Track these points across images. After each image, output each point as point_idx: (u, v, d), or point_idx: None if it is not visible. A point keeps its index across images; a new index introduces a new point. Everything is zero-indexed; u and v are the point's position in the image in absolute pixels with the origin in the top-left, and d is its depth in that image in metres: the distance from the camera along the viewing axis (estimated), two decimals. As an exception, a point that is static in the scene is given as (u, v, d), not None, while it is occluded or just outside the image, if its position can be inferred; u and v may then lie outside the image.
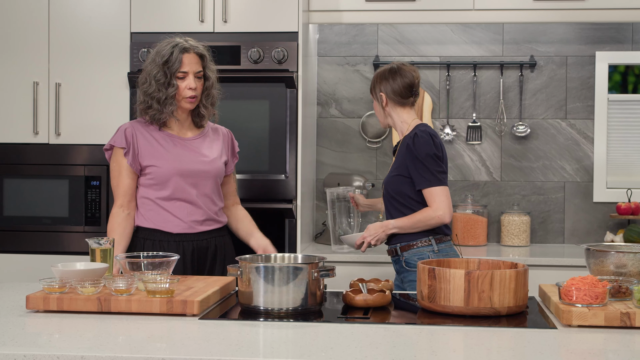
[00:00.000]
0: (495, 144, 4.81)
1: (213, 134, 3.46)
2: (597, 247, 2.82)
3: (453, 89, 4.83)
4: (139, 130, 3.32)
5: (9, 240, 4.38)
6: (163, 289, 2.58)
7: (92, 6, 4.34)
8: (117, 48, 4.33)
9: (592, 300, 2.47)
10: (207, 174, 3.34)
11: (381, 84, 3.61)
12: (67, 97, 4.36)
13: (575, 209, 4.78)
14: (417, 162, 3.46)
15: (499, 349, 2.21)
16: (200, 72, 3.32)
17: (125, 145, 3.28)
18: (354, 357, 2.10)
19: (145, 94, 3.31)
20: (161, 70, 3.28)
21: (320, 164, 4.90)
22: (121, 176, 3.30)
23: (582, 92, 4.76)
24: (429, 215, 3.45)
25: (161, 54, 3.30)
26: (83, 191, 4.34)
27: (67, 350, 2.13)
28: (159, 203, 3.30)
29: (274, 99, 4.24)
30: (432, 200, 3.46)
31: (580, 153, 4.77)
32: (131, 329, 2.40)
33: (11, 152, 4.38)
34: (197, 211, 3.33)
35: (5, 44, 4.37)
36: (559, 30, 4.77)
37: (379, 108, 3.67)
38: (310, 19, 4.49)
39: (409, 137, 3.51)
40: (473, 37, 4.81)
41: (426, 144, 3.47)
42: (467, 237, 4.63)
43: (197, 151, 3.35)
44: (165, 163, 3.28)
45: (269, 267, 2.60)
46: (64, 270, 2.68)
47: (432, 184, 3.45)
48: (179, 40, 3.32)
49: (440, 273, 2.59)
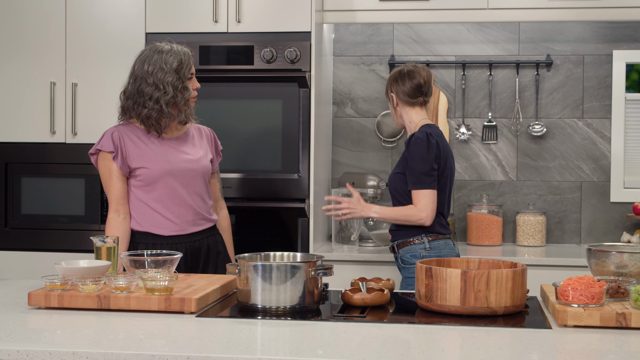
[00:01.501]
0: (511, 143, 4.79)
1: (197, 133, 3.51)
2: (598, 247, 2.80)
3: (469, 89, 4.81)
4: (125, 133, 3.33)
5: (27, 238, 4.45)
6: (162, 287, 2.61)
7: (108, 7, 4.39)
8: (132, 48, 4.35)
9: (588, 300, 2.46)
10: (195, 172, 3.37)
11: (392, 85, 3.73)
12: (83, 97, 4.41)
13: (592, 209, 4.75)
14: (410, 162, 3.57)
15: (487, 349, 2.21)
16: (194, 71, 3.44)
17: (113, 149, 3.28)
18: (342, 355, 2.11)
19: (161, 102, 3.29)
20: (176, 77, 3.32)
21: (335, 163, 4.91)
22: (112, 180, 3.31)
23: (599, 91, 4.72)
24: (413, 213, 3.56)
25: (168, 62, 3.31)
26: (99, 190, 4.39)
27: (61, 346, 2.16)
28: (150, 205, 3.32)
29: (287, 98, 4.26)
30: (416, 202, 3.57)
31: (597, 152, 4.74)
32: (129, 326, 2.43)
33: (29, 151, 4.45)
34: (188, 211, 3.36)
35: (23, 45, 4.43)
36: (576, 29, 4.74)
37: (392, 109, 3.79)
38: (324, 18, 4.51)
39: (409, 137, 3.63)
40: (489, 36, 4.79)
41: (418, 145, 3.56)
42: (482, 236, 4.61)
43: (184, 150, 3.38)
44: (154, 164, 3.30)
45: (267, 266, 2.62)
46: (66, 267, 2.72)
47: (417, 186, 3.55)
48: (170, 45, 3.37)
49: (437, 272, 2.59)
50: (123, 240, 3.30)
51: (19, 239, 4.46)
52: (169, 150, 3.35)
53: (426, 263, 2.76)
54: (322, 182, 4.58)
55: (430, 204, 3.55)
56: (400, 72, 3.71)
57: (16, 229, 4.46)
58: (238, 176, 4.30)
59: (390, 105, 3.78)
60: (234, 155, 4.25)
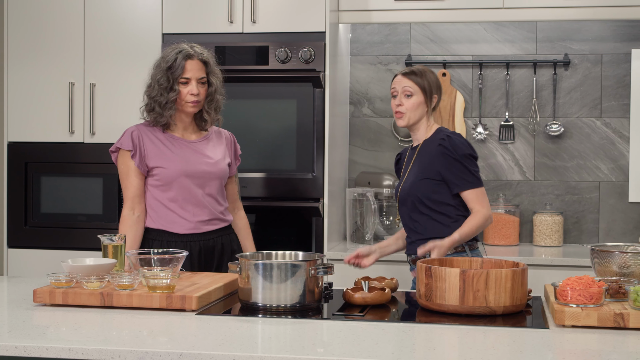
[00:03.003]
0: (528, 143, 4.77)
1: (216, 137, 3.53)
2: (601, 248, 2.79)
3: (486, 88, 4.80)
4: (145, 133, 3.39)
5: (46, 237, 4.51)
6: (164, 285, 2.64)
7: (125, 8, 4.44)
8: (149, 49, 4.41)
9: (586, 300, 2.45)
10: (211, 174, 3.41)
11: (437, 88, 3.43)
12: (101, 97, 4.47)
13: (610, 209, 4.71)
14: (455, 163, 3.29)
15: (479, 348, 2.21)
16: (203, 78, 3.39)
17: (131, 148, 3.35)
18: (341, 353, 2.13)
19: (148, 97, 3.41)
20: (164, 75, 3.35)
21: (352, 162, 4.92)
22: (130, 178, 3.37)
23: (618, 91, 4.69)
24: (485, 216, 3.28)
25: (166, 59, 3.38)
26: (116, 189, 4.44)
27: (58, 343, 2.20)
28: (166, 204, 3.37)
29: (301, 98, 4.28)
30: (476, 202, 3.29)
31: (615, 152, 4.70)
32: (129, 324, 2.47)
33: (48, 150, 4.51)
34: (202, 211, 3.39)
35: (42, 46, 4.50)
36: (594, 27, 4.71)
37: (420, 107, 3.39)
38: (340, 18, 4.52)
39: (439, 139, 3.34)
40: (506, 35, 4.77)
41: (463, 144, 3.33)
42: (498, 237, 4.60)
43: (202, 153, 3.43)
44: (171, 164, 3.35)
45: (267, 264, 2.64)
46: (71, 265, 2.76)
47: (474, 185, 3.30)
48: (184, 47, 3.40)
49: (436, 271, 2.59)
50: (136, 239, 3.34)
51: (38, 237, 4.52)
52: (187, 152, 3.39)
53: (427, 262, 2.76)
54: (337, 182, 4.59)
55: (487, 201, 3.32)
56: (436, 77, 3.45)
57: (36, 227, 4.52)
58: (253, 175, 4.32)
59: (421, 103, 3.38)
60: (249, 154, 4.27)
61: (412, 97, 3.37)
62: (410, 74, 3.41)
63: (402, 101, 3.38)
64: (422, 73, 3.41)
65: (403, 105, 3.38)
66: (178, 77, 3.34)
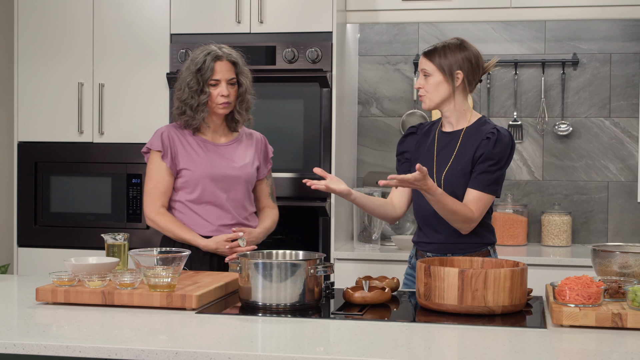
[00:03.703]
0: (536, 142, 4.76)
1: (247, 140, 3.52)
2: (602, 247, 2.79)
3: (494, 88, 4.79)
4: (175, 134, 3.39)
5: (55, 236, 4.55)
6: (164, 284, 2.66)
7: (134, 9, 4.46)
8: (157, 49, 4.44)
9: (584, 300, 2.45)
10: (237, 179, 3.40)
11: (463, 63, 3.10)
12: (110, 98, 4.50)
13: (619, 209, 4.70)
14: (489, 162, 3.07)
15: (474, 347, 2.21)
16: (233, 79, 3.37)
17: (161, 149, 3.35)
18: (338, 352, 2.14)
19: (179, 100, 3.39)
20: (194, 78, 3.34)
21: (361, 162, 4.93)
22: (161, 175, 3.35)
23: (627, 90, 4.67)
24: (469, 216, 3.04)
25: (195, 61, 3.36)
26: (125, 189, 4.47)
27: (56, 340, 2.22)
28: (189, 205, 3.38)
29: (308, 98, 4.29)
30: (476, 206, 3.06)
31: (624, 152, 4.68)
32: (129, 322, 2.48)
33: (58, 150, 4.54)
34: (226, 215, 3.38)
35: (52, 46, 4.53)
36: (603, 27, 4.69)
37: (439, 87, 3.12)
38: (347, 18, 4.53)
39: (489, 131, 3.10)
40: (514, 35, 4.77)
41: (507, 147, 3.09)
42: (506, 236, 4.59)
43: (229, 157, 3.42)
44: (197, 167, 3.35)
45: (267, 264, 2.66)
46: (74, 264, 2.78)
47: (488, 190, 3.08)
48: (213, 48, 3.38)
49: (435, 271, 2.60)
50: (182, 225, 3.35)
51: (48, 236, 4.56)
52: (215, 156, 3.39)
53: (427, 262, 2.77)
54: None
55: (484, 214, 3.10)
56: (471, 50, 3.14)
57: (45, 226, 4.56)
58: (260, 175, 4.34)
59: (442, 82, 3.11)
60: (256, 154, 4.29)
61: (430, 77, 3.11)
62: (430, 53, 3.13)
63: (421, 83, 3.15)
64: (444, 49, 3.11)
65: (422, 87, 3.14)
66: (208, 79, 3.32)
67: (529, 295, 2.78)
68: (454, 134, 3.19)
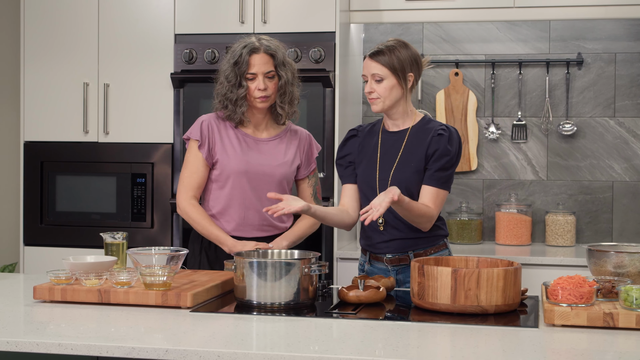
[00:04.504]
0: (541, 142, 4.75)
1: (291, 136, 3.41)
2: (597, 247, 2.79)
3: (498, 87, 4.79)
4: (216, 125, 3.32)
5: (61, 235, 4.58)
6: (159, 282, 2.68)
7: (139, 9, 4.49)
8: (162, 49, 4.47)
9: (576, 300, 2.45)
10: (270, 177, 3.31)
11: (412, 65, 3.11)
12: (115, 98, 4.53)
13: (624, 209, 4.68)
14: (444, 158, 3.09)
15: (462, 347, 2.22)
16: (271, 71, 3.26)
17: (199, 138, 3.29)
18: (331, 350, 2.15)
19: (219, 94, 3.32)
20: (232, 71, 3.26)
21: (365, 162, 4.93)
22: (196, 166, 3.30)
23: (632, 90, 4.66)
24: (430, 214, 3.07)
25: (233, 54, 3.29)
26: (129, 188, 4.50)
27: (49, 338, 2.24)
28: (220, 199, 3.30)
29: (311, 98, 4.31)
30: (434, 203, 3.09)
31: (629, 152, 4.67)
32: (123, 320, 2.51)
33: (63, 150, 4.58)
34: (254, 215, 3.30)
35: (58, 47, 4.57)
36: (608, 26, 4.68)
37: (393, 90, 3.10)
38: (351, 18, 4.54)
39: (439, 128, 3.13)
40: (519, 34, 4.76)
41: (458, 142, 3.14)
42: (510, 236, 4.59)
43: (268, 153, 3.33)
44: (231, 161, 3.28)
45: (262, 263, 2.67)
46: (72, 262, 2.81)
47: (444, 186, 3.12)
48: (250, 40, 3.29)
49: (429, 270, 2.60)
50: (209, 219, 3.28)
51: (53, 235, 4.59)
52: (252, 151, 3.31)
53: (423, 262, 2.77)
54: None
55: (441, 208, 3.14)
56: (414, 50, 3.15)
57: (51, 225, 4.60)
58: (263, 175, 4.35)
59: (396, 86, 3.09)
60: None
61: (383, 81, 3.09)
62: (378, 55, 3.10)
63: (373, 87, 3.10)
64: (391, 50, 3.09)
65: (375, 91, 3.10)
66: (244, 73, 3.23)
67: (524, 294, 2.78)
68: (399, 134, 3.20)
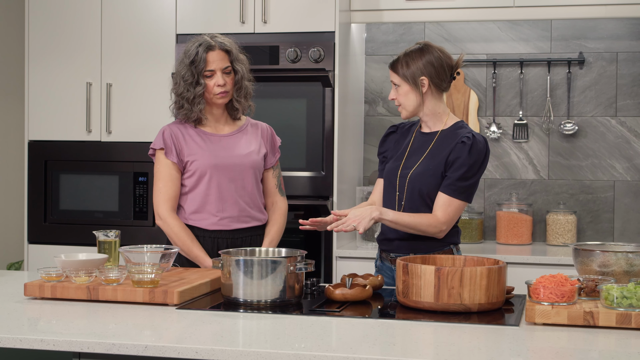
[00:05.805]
0: (542, 142, 4.75)
1: (252, 129, 3.48)
2: (582, 247, 2.79)
3: (500, 87, 4.79)
4: (178, 130, 3.38)
5: (65, 233, 4.63)
6: (147, 280, 2.71)
7: (141, 10, 4.53)
8: (164, 49, 4.51)
9: (558, 298, 2.46)
10: (243, 167, 3.35)
11: (426, 69, 3.16)
12: (118, 97, 4.57)
13: (625, 209, 4.67)
14: (464, 168, 3.10)
15: (438, 344, 2.24)
16: (227, 67, 3.34)
17: (164, 146, 3.33)
18: (292, 346, 2.17)
19: (176, 94, 3.38)
20: (189, 70, 3.32)
21: (367, 161, 4.95)
22: (168, 174, 3.33)
23: (633, 89, 4.65)
24: (434, 223, 3.10)
25: (188, 53, 3.34)
26: (132, 187, 4.54)
27: (33, 334, 2.28)
28: (195, 198, 3.34)
29: (311, 97, 4.33)
30: (445, 212, 3.10)
31: (630, 151, 4.66)
32: (110, 317, 2.54)
33: (66, 149, 4.63)
34: (233, 207, 3.35)
35: (62, 47, 4.62)
36: (609, 26, 4.67)
37: (409, 95, 3.19)
38: (352, 18, 4.56)
39: (464, 136, 3.13)
40: (520, 34, 4.76)
41: (481, 152, 3.12)
42: (510, 236, 4.59)
43: (232, 147, 3.38)
44: (201, 160, 3.32)
45: (248, 261, 2.70)
46: (63, 260, 2.85)
47: (458, 196, 3.11)
48: (204, 39, 3.34)
49: (412, 269, 2.62)
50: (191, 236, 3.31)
51: (57, 233, 4.64)
52: (217, 147, 3.36)
53: (409, 260, 2.79)
54: (349, 180, 4.63)
55: (455, 218, 3.13)
56: (433, 53, 3.19)
57: (55, 223, 4.65)
58: (263, 174, 4.38)
59: (410, 91, 3.18)
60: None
61: (399, 88, 3.22)
62: (393, 63, 3.25)
63: (393, 94, 3.24)
64: (405, 59, 3.20)
65: (396, 98, 3.24)
66: (202, 71, 3.29)
67: (510, 293, 2.79)
68: (430, 135, 3.26)
